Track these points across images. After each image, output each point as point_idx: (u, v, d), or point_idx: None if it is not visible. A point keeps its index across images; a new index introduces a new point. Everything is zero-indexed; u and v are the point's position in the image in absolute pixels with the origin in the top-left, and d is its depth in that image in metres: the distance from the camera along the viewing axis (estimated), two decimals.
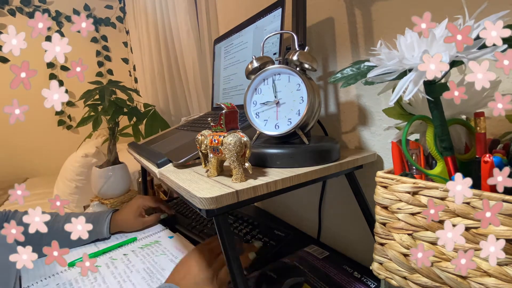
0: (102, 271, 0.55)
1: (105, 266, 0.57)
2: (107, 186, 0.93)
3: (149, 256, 0.60)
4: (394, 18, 0.45)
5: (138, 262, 0.57)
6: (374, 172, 0.33)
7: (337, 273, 0.51)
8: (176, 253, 0.60)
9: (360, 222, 0.55)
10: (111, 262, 0.58)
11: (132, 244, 0.65)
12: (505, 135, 0.33)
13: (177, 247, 0.63)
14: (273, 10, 0.57)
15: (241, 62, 0.67)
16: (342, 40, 0.54)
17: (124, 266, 0.56)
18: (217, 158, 0.38)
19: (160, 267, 0.55)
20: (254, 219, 0.71)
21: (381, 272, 0.32)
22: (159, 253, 0.60)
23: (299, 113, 0.41)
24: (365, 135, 0.53)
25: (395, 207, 0.30)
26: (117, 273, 0.54)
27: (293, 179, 0.37)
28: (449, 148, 0.29)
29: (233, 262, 0.33)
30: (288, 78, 0.42)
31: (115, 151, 0.99)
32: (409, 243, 0.29)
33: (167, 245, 0.64)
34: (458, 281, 0.25)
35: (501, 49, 0.22)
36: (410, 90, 0.25)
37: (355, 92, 0.53)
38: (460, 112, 0.33)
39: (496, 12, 0.23)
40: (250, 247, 0.56)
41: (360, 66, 0.33)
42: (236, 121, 0.38)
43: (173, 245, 0.63)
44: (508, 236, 0.22)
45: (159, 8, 1.27)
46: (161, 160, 0.47)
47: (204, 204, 0.31)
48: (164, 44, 1.29)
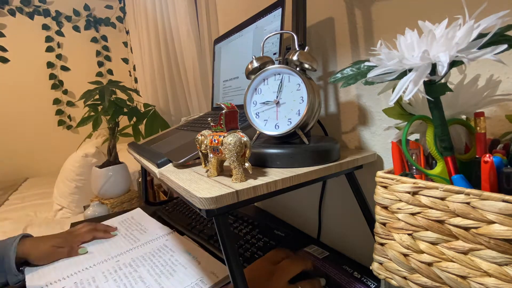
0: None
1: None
2: (107, 186, 0.93)
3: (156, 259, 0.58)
4: (394, 18, 0.45)
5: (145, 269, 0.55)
6: (374, 172, 0.33)
7: (337, 273, 0.51)
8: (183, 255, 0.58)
9: (360, 222, 0.55)
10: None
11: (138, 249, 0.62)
12: (505, 135, 0.33)
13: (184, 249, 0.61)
14: (273, 10, 0.57)
15: (241, 62, 0.67)
16: (342, 40, 0.54)
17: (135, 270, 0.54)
18: (217, 158, 0.38)
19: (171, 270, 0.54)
20: (254, 219, 0.71)
21: (381, 272, 0.32)
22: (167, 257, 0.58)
23: (299, 113, 0.41)
24: (365, 135, 0.53)
25: (395, 207, 0.30)
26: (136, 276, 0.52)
27: (293, 179, 0.37)
28: (449, 148, 0.29)
29: (233, 262, 0.33)
30: (288, 78, 0.42)
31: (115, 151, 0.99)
32: (409, 243, 0.29)
33: (175, 248, 0.62)
34: (458, 281, 0.25)
35: (501, 49, 0.23)
36: (410, 90, 0.25)
37: (355, 92, 0.53)
38: (460, 112, 0.33)
39: (496, 12, 0.23)
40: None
41: (360, 66, 0.33)
42: (236, 121, 0.38)
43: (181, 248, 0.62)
44: (508, 236, 0.22)
45: (159, 8, 1.27)
46: (161, 160, 0.47)
47: (204, 204, 0.31)
48: (164, 44, 1.29)
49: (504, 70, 0.35)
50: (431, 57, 0.25)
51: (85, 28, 2.34)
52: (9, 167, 2.16)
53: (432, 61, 0.25)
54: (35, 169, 2.25)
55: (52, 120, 2.28)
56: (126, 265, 0.57)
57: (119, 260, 0.58)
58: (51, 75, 2.22)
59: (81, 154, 1.39)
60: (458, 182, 0.28)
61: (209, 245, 0.61)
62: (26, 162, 2.22)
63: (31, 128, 2.21)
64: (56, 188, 1.46)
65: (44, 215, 1.43)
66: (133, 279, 0.52)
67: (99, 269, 0.56)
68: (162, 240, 0.66)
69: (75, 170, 1.38)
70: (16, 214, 1.44)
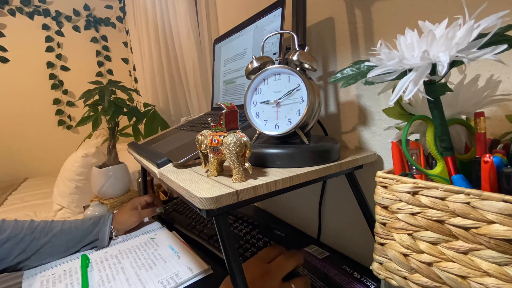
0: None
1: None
2: (107, 186, 0.93)
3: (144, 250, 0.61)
4: (394, 18, 0.45)
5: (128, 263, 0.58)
6: (374, 172, 0.33)
7: (337, 273, 0.51)
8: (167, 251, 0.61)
9: (360, 222, 0.55)
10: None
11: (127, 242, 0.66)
12: (505, 135, 0.33)
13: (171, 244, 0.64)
14: (273, 10, 0.57)
15: (241, 62, 0.67)
16: (342, 40, 0.54)
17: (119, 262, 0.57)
18: (217, 158, 0.38)
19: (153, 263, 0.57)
20: (254, 219, 0.71)
21: (381, 272, 0.32)
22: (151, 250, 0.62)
23: (299, 113, 0.41)
24: (365, 135, 0.53)
25: (395, 207, 0.30)
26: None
27: (293, 179, 0.37)
28: (449, 148, 0.29)
29: (233, 262, 0.33)
30: (288, 78, 0.42)
31: (115, 151, 0.99)
32: (409, 243, 0.29)
33: (161, 242, 0.65)
34: (458, 281, 0.25)
35: (501, 49, 0.22)
36: (410, 90, 0.25)
37: (355, 92, 0.53)
38: (460, 112, 0.32)
39: (496, 12, 0.23)
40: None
41: (360, 66, 0.33)
42: (236, 121, 0.38)
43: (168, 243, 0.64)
44: (508, 236, 0.22)
45: (159, 8, 1.27)
46: (161, 160, 0.47)
47: (204, 204, 0.31)
48: (164, 44, 1.29)
49: (504, 70, 0.35)
50: (431, 57, 0.25)
51: (85, 28, 2.34)
52: (8, 167, 2.16)
53: (432, 61, 0.25)
54: (35, 169, 2.25)
55: (52, 120, 2.27)
56: (112, 256, 0.60)
57: (107, 252, 0.62)
58: (51, 75, 2.22)
59: (81, 154, 1.39)
60: (458, 182, 0.28)
61: (209, 245, 0.61)
62: (26, 162, 2.22)
63: (31, 128, 2.21)
64: (56, 188, 1.45)
65: (44, 215, 1.43)
66: (115, 270, 0.55)
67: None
68: (150, 234, 0.70)
69: (75, 170, 1.37)
70: (15, 214, 1.44)
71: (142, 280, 0.51)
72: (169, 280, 0.50)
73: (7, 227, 0.58)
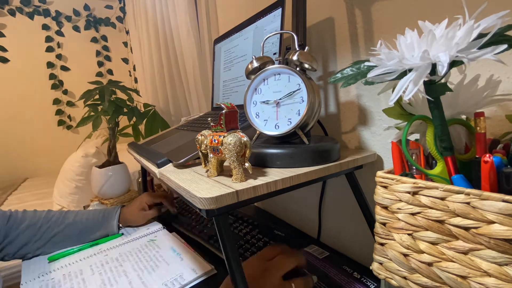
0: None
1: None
2: (107, 186, 0.93)
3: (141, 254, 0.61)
4: (394, 18, 0.45)
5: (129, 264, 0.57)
6: (374, 172, 0.33)
7: (337, 273, 0.51)
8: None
9: (360, 222, 0.55)
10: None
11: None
12: (505, 135, 0.33)
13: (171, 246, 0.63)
14: (273, 10, 0.57)
15: (241, 62, 0.67)
16: (342, 40, 0.54)
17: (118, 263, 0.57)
18: (217, 158, 0.38)
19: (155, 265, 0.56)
20: (254, 219, 0.71)
21: (381, 272, 0.32)
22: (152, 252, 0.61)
23: (299, 113, 0.41)
24: (365, 135, 0.53)
25: (395, 207, 0.30)
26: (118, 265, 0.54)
27: (293, 179, 0.37)
28: (449, 148, 0.29)
29: (233, 262, 0.33)
30: (288, 78, 0.42)
31: (115, 151, 0.99)
32: (409, 243, 0.29)
33: (162, 244, 0.64)
34: (458, 281, 0.25)
35: (501, 49, 0.22)
36: (410, 90, 0.25)
37: (355, 92, 0.53)
38: (460, 112, 0.32)
39: (496, 12, 0.23)
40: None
41: (360, 66, 0.33)
42: (236, 121, 0.38)
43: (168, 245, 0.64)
44: (508, 236, 0.22)
45: (159, 8, 1.27)
46: (161, 160, 0.47)
47: (204, 204, 0.31)
48: (164, 44, 1.29)
49: (504, 70, 0.35)
50: (431, 57, 0.25)
51: (85, 28, 2.34)
52: (8, 167, 2.16)
53: (432, 61, 0.25)
54: (34, 169, 2.25)
55: (52, 120, 2.27)
56: (113, 259, 0.59)
57: (107, 255, 0.61)
58: (51, 75, 2.22)
59: (81, 154, 1.39)
60: (458, 182, 0.28)
61: (209, 245, 0.61)
62: (26, 162, 2.22)
63: (31, 128, 2.21)
64: (56, 188, 1.45)
65: None
66: (117, 273, 0.54)
67: (88, 262, 0.59)
68: (151, 236, 0.69)
69: (75, 170, 1.37)
70: None
71: (146, 282, 0.50)
72: (173, 282, 0.50)
73: (27, 217, 0.64)
